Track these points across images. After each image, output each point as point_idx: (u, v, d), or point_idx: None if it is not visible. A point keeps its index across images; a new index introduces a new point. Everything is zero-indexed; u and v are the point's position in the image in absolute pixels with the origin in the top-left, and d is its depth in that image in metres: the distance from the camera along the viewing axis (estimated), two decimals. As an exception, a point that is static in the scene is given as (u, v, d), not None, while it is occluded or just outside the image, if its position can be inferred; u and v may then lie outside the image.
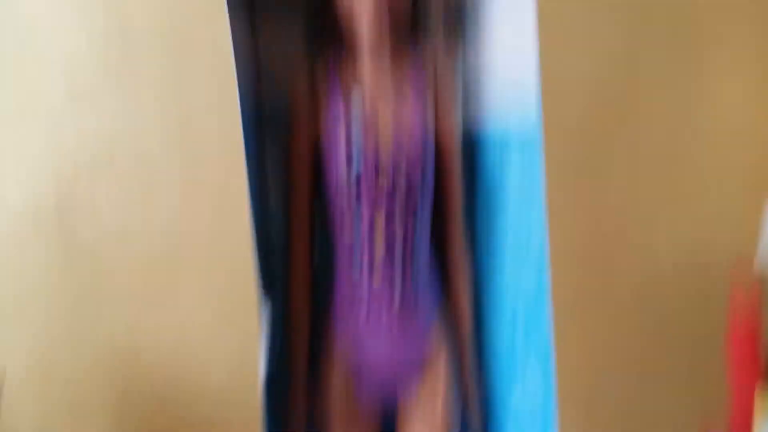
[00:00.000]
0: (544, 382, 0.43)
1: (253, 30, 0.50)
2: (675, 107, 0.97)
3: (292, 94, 0.49)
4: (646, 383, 0.93)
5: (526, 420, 0.44)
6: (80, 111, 0.90)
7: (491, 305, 0.49)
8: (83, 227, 0.90)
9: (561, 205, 0.96)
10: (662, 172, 0.97)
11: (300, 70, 0.50)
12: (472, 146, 0.51)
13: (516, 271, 0.47)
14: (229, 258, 0.89)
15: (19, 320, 0.89)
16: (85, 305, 0.89)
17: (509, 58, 0.47)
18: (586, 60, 0.96)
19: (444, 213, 0.50)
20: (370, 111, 0.47)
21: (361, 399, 0.47)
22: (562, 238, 0.96)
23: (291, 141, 0.49)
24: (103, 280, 0.89)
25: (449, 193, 0.50)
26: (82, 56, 0.90)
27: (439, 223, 0.51)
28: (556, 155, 0.94)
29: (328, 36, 0.50)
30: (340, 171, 0.45)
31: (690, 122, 0.98)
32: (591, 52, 0.96)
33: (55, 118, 0.90)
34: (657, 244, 0.96)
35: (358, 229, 0.46)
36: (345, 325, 0.47)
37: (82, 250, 0.89)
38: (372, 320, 0.46)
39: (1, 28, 0.90)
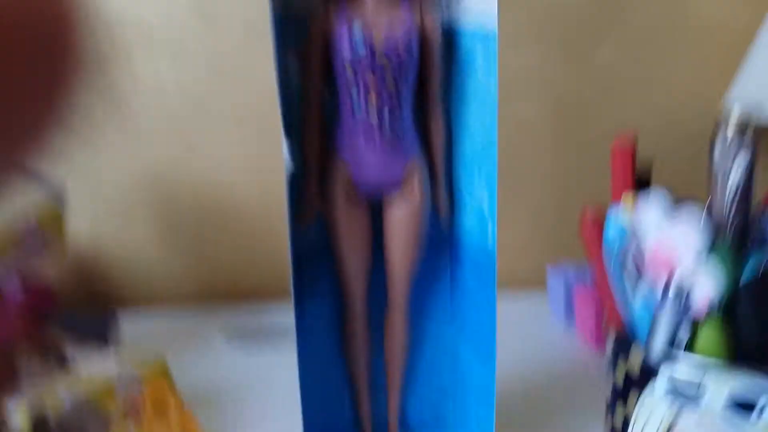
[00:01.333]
0: (489, 186, 0.64)
1: None
2: (661, 10, 1.15)
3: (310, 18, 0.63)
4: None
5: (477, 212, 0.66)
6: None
7: (458, 143, 0.69)
8: (122, 82, 1.11)
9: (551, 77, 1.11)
10: (645, 55, 1.15)
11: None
12: (450, 38, 0.68)
13: (476, 122, 0.67)
14: (255, 96, 1.08)
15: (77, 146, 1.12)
16: (128, 136, 1.08)
17: None
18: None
19: (427, 83, 0.67)
20: (370, 17, 0.64)
21: (358, 197, 0.66)
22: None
23: (309, 36, 0.65)
24: (141, 116, 1.08)
25: (430, 70, 0.66)
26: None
27: (423, 91, 0.67)
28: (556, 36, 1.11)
29: None
30: (345, 55, 0.63)
31: (673, 22, 1.16)
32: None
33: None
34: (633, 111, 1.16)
35: (358, 89, 0.64)
36: (348, 145, 0.65)
37: (122, 99, 1.11)
38: (368, 143, 0.64)
39: None
